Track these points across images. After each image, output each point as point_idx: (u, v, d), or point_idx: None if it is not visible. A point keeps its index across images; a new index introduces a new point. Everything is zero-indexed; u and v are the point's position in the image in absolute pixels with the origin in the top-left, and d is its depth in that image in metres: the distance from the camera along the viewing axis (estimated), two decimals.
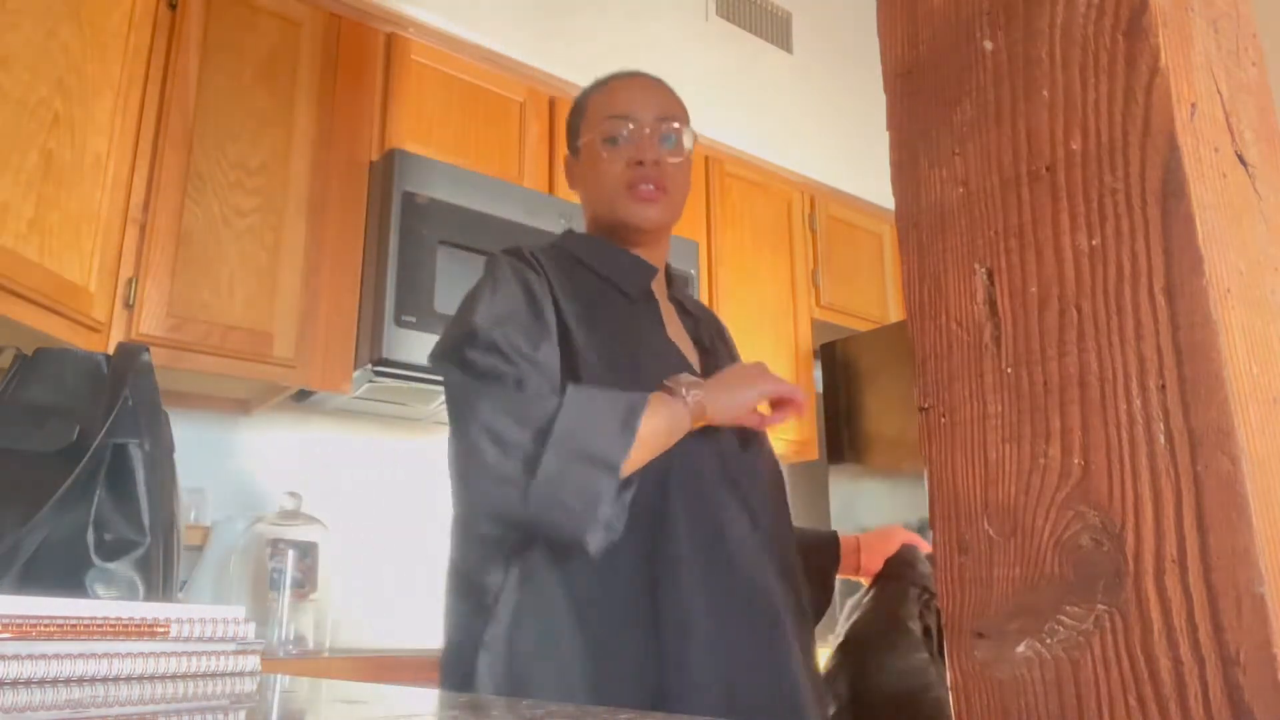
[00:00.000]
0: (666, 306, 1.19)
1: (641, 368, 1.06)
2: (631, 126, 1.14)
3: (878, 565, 1.26)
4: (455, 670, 0.99)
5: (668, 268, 1.24)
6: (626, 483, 0.94)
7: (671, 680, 0.93)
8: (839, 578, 1.28)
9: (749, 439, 1.12)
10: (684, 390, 0.99)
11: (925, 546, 1.29)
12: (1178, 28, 0.42)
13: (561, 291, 1.08)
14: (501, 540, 0.99)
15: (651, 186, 1.13)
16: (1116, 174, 0.41)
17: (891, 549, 1.27)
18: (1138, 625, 0.38)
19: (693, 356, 1.15)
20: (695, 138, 1.22)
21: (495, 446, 0.92)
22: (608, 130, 1.15)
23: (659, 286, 1.20)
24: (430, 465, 2.40)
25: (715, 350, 1.20)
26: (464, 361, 0.99)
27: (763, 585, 1.03)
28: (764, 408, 1.11)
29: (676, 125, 1.16)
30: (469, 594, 1.01)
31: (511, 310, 1.03)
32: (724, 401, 1.02)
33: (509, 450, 0.91)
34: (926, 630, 1.19)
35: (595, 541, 0.91)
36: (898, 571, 1.24)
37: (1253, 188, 0.44)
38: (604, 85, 1.20)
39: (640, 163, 1.13)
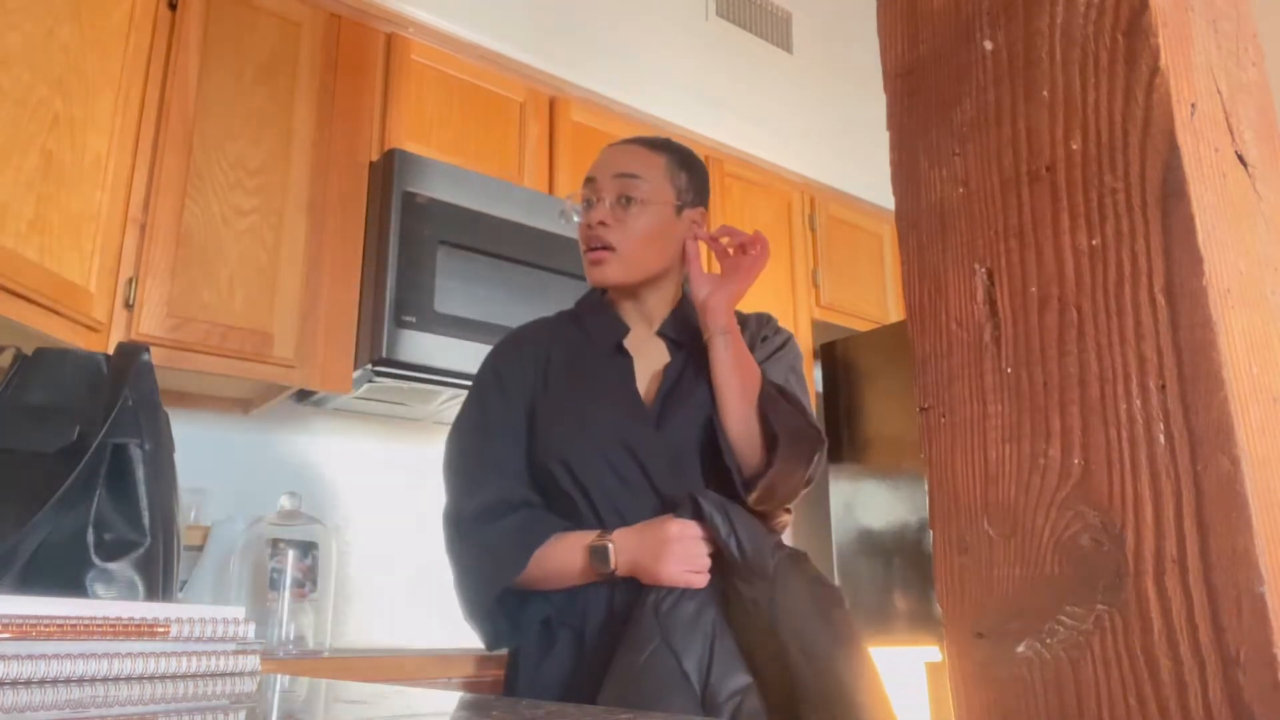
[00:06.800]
0: (650, 352, 1.24)
1: (588, 419, 1.17)
2: (593, 192, 1.22)
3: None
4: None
5: (680, 306, 1.26)
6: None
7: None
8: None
9: (667, 415, 1.17)
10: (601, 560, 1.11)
11: None
12: (1178, 28, 0.42)
13: (552, 354, 1.23)
14: None
15: (598, 250, 1.19)
16: (1116, 174, 0.41)
17: None
18: (1138, 625, 0.38)
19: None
20: (665, 184, 1.23)
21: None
22: (581, 195, 1.25)
23: (641, 336, 1.25)
24: (430, 465, 2.38)
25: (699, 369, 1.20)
26: (454, 549, 1.18)
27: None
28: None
29: (633, 178, 1.20)
30: None
31: (480, 448, 1.20)
32: (653, 572, 1.08)
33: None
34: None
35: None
36: None
37: (1253, 188, 0.44)
38: None
39: (589, 225, 1.21)
